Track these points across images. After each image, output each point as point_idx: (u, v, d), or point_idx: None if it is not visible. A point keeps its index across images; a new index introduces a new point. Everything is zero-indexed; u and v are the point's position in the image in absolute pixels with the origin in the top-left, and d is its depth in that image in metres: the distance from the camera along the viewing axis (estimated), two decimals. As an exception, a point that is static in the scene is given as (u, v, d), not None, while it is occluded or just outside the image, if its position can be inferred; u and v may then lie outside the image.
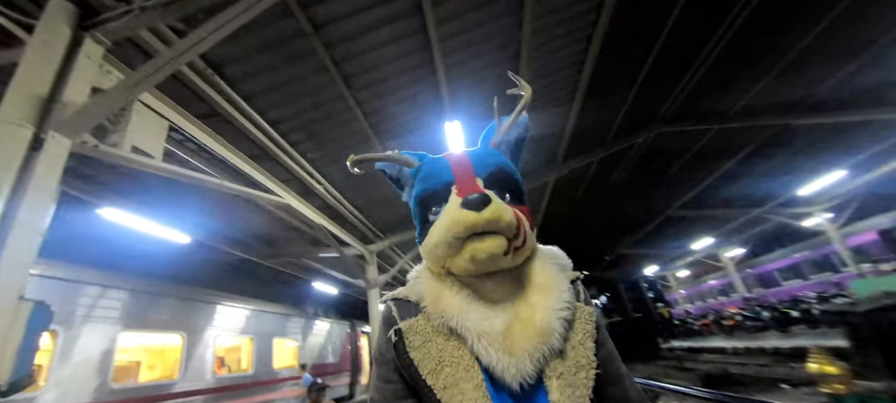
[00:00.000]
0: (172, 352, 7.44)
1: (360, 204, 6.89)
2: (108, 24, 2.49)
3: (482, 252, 0.69)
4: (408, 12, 3.56)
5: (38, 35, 2.28)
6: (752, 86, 7.04)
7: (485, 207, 0.68)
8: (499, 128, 0.92)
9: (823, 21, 5.42)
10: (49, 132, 2.11)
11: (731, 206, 12.94)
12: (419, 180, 0.86)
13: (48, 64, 2.25)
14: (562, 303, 0.71)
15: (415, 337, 0.73)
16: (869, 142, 9.09)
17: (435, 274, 0.80)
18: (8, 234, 1.85)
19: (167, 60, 2.36)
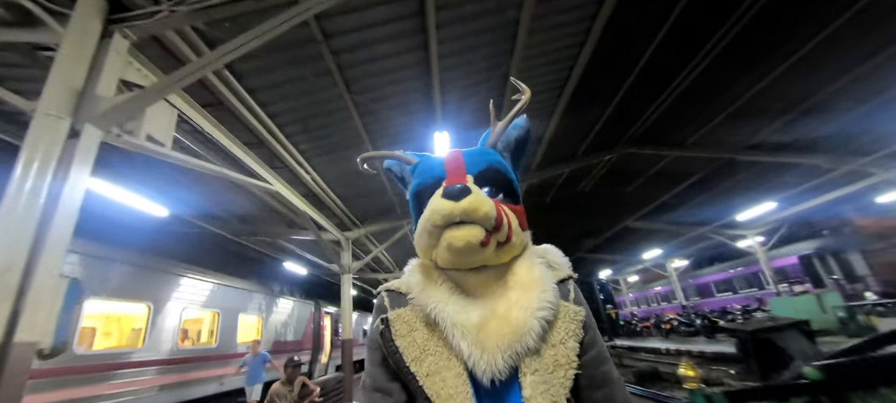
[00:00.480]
0: (138, 321, 7.39)
1: (342, 193, 7.13)
2: (135, 21, 2.65)
3: (458, 239, 0.70)
4: (412, 32, 3.87)
5: (71, 31, 2.42)
6: (706, 123, 7.91)
7: (464, 196, 0.70)
8: (494, 130, 0.94)
9: (764, 80, 6.26)
10: (84, 124, 2.30)
11: (680, 223, 14.27)
12: (416, 175, 0.89)
13: (81, 58, 2.40)
14: (541, 302, 0.71)
15: (401, 326, 0.75)
16: (796, 180, 10.42)
17: (424, 268, 0.83)
18: (51, 218, 2.06)
19: (196, 68, 2.57)
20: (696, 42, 5.56)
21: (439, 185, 0.77)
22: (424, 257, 0.83)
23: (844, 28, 5.13)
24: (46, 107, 2.20)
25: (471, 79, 4.80)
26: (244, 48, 2.64)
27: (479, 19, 3.97)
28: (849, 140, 8.28)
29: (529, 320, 0.69)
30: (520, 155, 0.96)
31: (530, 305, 0.70)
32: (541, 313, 0.70)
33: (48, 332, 1.99)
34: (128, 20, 2.64)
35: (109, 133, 2.51)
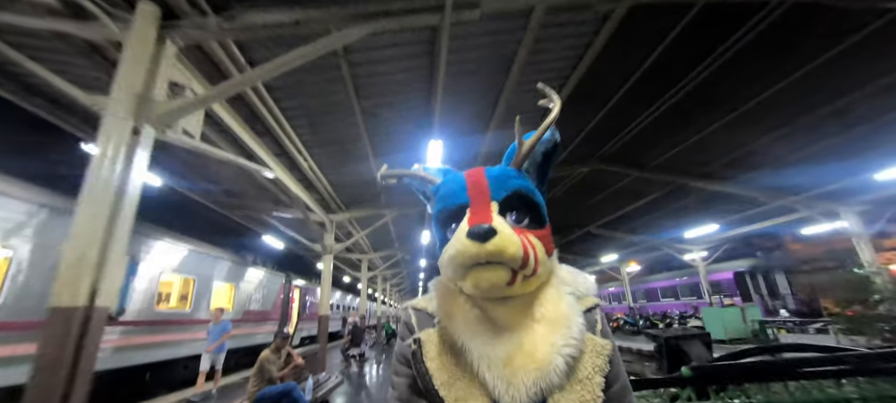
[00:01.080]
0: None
1: (333, 180, 7.51)
2: (185, 29, 2.99)
3: (484, 281, 0.71)
4: (422, 54, 4.34)
5: (131, 37, 2.75)
6: (666, 151, 8.89)
7: (489, 239, 0.69)
8: (520, 147, 0.88)
9: (714, 124, 7.23)
10: (144, 124, 2.67)
11: (635, 233, 15.64)
12: (438, 199, 0.87)
13: (140, 64, 2.75)
14: (567, 340, 0.70)
15: (431, 348, 0.75)
16: (736, 208, 11.82)
17: (451, 291, 0.82)
18: (121, 207, 2.47)
19: (239, 83, 2.98)
20: (663, 87, 6.36)
21: (462, 212, 0.78)
22: (449, 282, 0.81)
23: (778, 94, 6.10)
24: (114, 109, 2.56)
25: (467, 94, 5.34)
26: (282, 68, 3.06)
27: (482, 49, 4.50)
28: (780, 180, 9.59)
29: (555, 357, 0.68)
30: (547, 170, 0.92)
31: (556, 341, 0.70)
32: (566, 350, 0.69)
33: (114, 300, 2.43)
34: (178, 27, 2.98)
35: (161, 132, 2.88)
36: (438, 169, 0.99)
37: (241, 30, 3.05)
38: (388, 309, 37.25)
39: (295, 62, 3.05)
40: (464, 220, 0.76)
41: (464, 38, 4.10)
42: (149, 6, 2.85)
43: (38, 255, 5.23)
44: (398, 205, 9.29)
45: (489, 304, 0.77)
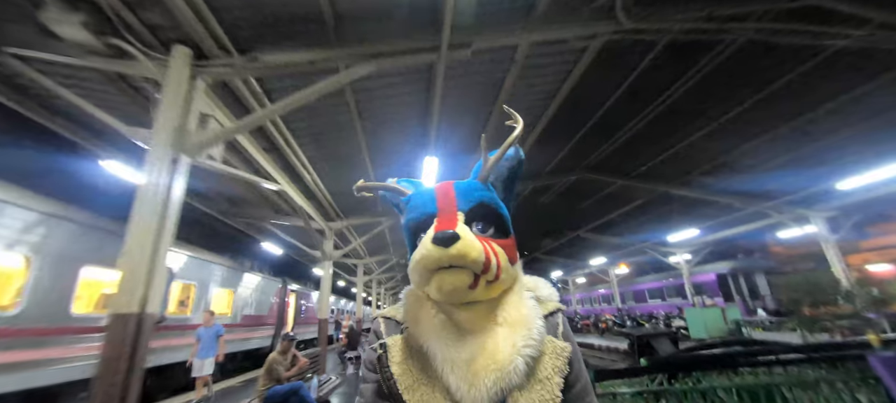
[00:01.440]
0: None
1: (332, 189, 7.91)
2: (212, 68, 3.40)
3: (446, 284, 0.74)
4: (421, 80, 4.80)
5: (168, 79, 3.16)
6: (648, 161, 9.47)
7: (452, 244, 0.72)
8: (486, 163, 0.93)
9: (691, 137, 7.80)
10: (181, 154, 3.08)
11: (622, 236, 16.25)
12: (409, 209, 0.90)
13: (176, 102, 3.15)
14: (527, 341, 0.73)
15: (396, 353, 0.77)
16: (714, 214, 12.47)
17: (418, 298, 0.85)
18: (164, 227, 2.87)
19: (261, 116, 3.40)
20: (641, 105, 6.91)
21: (431, 221, 0.81)
22: (418, 288, 0.85)
23: (744, 112, 6.69)
24: (157, 141, 2.97)
25: (461, 115, 5.80)
26: (297, 104, 3.49)
27: (474, 76, 4.98)
28: (754, 187, 10.24)
29: (515, 357, 0.70)
30: (512, 185, 0.96)
31: (516, 343, 0.72)
32: (526, 350, 0.72)
33: (158, 306, 2.83)
34: (208, 67, 3.39)
35: (193, 157, 3.28)
36: (410, 181, 1.02)
37: (262, 68, 3.47)
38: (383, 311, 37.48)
39: (309, 98, 3.48)
40: (430, 228, 0.79)
41: (458, 68, 4.56)
42: (182, 48, 3.26)
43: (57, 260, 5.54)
44: (393, 214, 9.70)
45: (454, 309, 0.79)
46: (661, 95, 6.54)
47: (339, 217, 9.22)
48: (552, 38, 4.06)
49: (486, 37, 3.80)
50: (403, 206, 0.96)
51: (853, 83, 5.88)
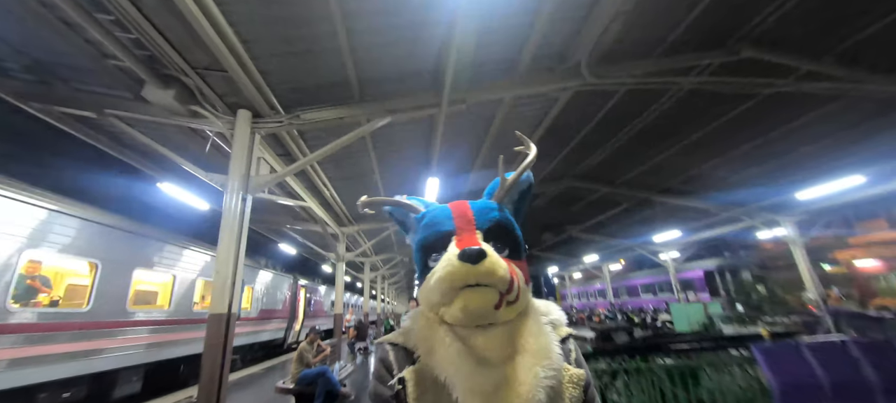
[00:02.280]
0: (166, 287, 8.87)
1: (346, 200, 8.97)
2: (266, 125, 4.44)
3: (474, 303, 0.72)
4: (425, 124, 5.81)
5: (236, 137, 4.20)
6: (632, 170, 10.46)
7: (481, 260, 0.71)
8: (502, 184, 0.93)
9: (665, 153, 8.80)
10: (247, 194, 4.13)
11: (613, 236, 17.30)
12: (423, 227, 0.89)
13: (242, 154, 4.20)
14: (548, 372, 0.72)
15: (414, 388, 0.74)
16: (694, 217, 13.49)
17: (429, 322, 0.82)
18: (239, 249, 3.93)
19: (304, 163, 4.45)
20: (617, 127, 7.89)
21: (448, 239, 0.81)
22: (430, 311, 0.82)
23: (708, 135, 7.69)
24: (231, 184, 4.02)
25: (458, 146, 6.82)
26: (330, 151, 4.54)
27: (469, 116, 5.97)
28: (727, 196, 11.24)
29: (537, 390, 0.69)
30: (521, 207, 0.98)
31: (538, 373, 0.71)
32: (547, 381, 0.71)
33: (237, 306, 3.90)
34: (263, 124, 4.42)
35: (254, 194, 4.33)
36: (420, 200, 0.99)
37: (303, 124, 4.50)
38: (387, 306, 38.89)
39: (339, 146, 4.51)
40: (451, 245, 0.79)
41: (455, 115, 5.57)
42: (244, 112, 4.29)
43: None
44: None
45: (470, 335, 0.77)
46: (632, 122, 7.53)
47: (351, 223, 10.29)
48: (532, 92, 5.06)
49: (477, 93, 4.81)
50: (412, 224, 0.96)
51: (794, 115, 6.87)
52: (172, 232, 8.68)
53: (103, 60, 3.81)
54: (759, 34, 5.33)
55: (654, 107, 6.68)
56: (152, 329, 7.64)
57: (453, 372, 0.73)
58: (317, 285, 21.72)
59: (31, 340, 5.26)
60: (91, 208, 6.37)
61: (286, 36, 3.67)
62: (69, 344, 5.83)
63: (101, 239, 6.43)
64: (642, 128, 7.83)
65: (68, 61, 3.94)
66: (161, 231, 8.16)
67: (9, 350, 4.94)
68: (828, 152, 8.13)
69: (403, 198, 0.99)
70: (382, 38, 3.92)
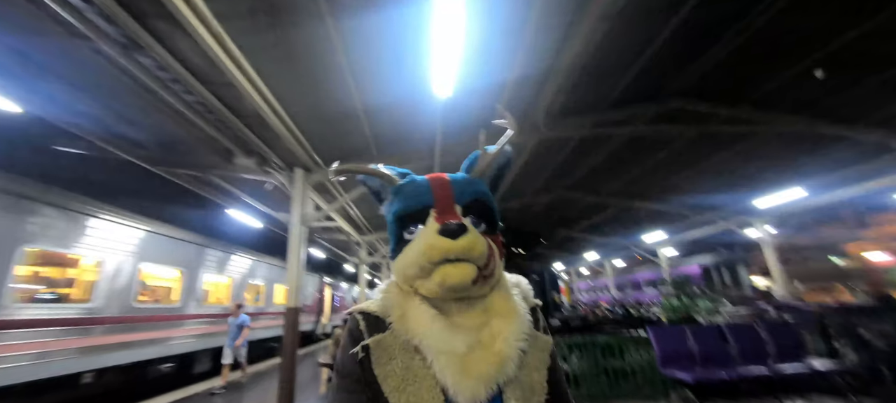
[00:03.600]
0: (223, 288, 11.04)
1: (367, 215, 10.90)
2: (314, 177, 6.36)
3: (452, 278, 0.72)
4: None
5: (295, 187, 6.13)
6: (612, 182, 12.00)
7: (461, 235, 0.72)
8: (483, 158, 0.94)
9: (639, 169, 10.35)
10: (304, 226, 6.06)
11: (608, 236, 18.77)
12: (400, 198, 0.88)
13: (299, 199, 6.13)
14: (520, 334, 0.74)
15: (381, 354, 0.74)
16: (675, 220, 14.89)
17: (403, 292, 0.82)
18: (300, 265, 5.87)
19: (342, 202, 6.35)
20: (589, 155, 9.49)
21: (425, 213, 0.81)
22: (404, 284, 0.83)
23: (669, 156, 9.21)
24: (293, 221, 5.96)
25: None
26: (358, 195, 6.41)
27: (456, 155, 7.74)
28: (701, 202, 12.62)
29: (511, 350, 0.72)
30: (498, 183, 0.98)
31: (512, 336, 0.74)
32: (519, 343, 0.73)
33: (298, 301, 5.84)
34: (311, 175, 6.34)
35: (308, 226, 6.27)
36: (398, 170, 0.97)
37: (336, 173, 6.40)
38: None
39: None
40: (429, 219, 0.80)
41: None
42: (300, 170, 6.21)
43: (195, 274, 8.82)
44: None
45: (444, 303, 0.79)
46: (600, 149, 9.12)
47: (370, 232, 12.26)
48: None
49: (459, 146, 6.53)
50: (387, 194, 0.95)
51: (725, 147, 8.34)
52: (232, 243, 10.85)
53: (210, 141, 5.78)
54: (686, 88, 6.86)
55: (606, 146, 8.30)
56: (215, 321, 9.77)
57: (426, 336, 0.73)
58: (339, 282, 24.00)
59: (150, 327, 7.41)
60: (180, 229, 8.51)
61: (327, 119, 5.52)
62: (169, 331, 7.99)
63: (184, 252, 8.57)
64: (609, 154, 9.41)
65: (185, 140, 5.92)
66: (223, 243, 10.31)
67: (139, 333, 7.08)
68: (770, 168, 9.53)
69: (379, 166, 0.96)
70: (391, 117, 5.74)
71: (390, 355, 0.75)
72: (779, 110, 7.18)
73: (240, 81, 3.94)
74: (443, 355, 0.71)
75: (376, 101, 5.27)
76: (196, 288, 8.97)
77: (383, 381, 0.72)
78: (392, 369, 0.73)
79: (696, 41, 5.62)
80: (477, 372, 0.69)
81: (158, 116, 5.17)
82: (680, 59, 6.05)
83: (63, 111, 4.78)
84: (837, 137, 7.44)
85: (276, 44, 3.96)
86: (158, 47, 3.58)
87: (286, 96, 4.84)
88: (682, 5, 4.75)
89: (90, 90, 4.47)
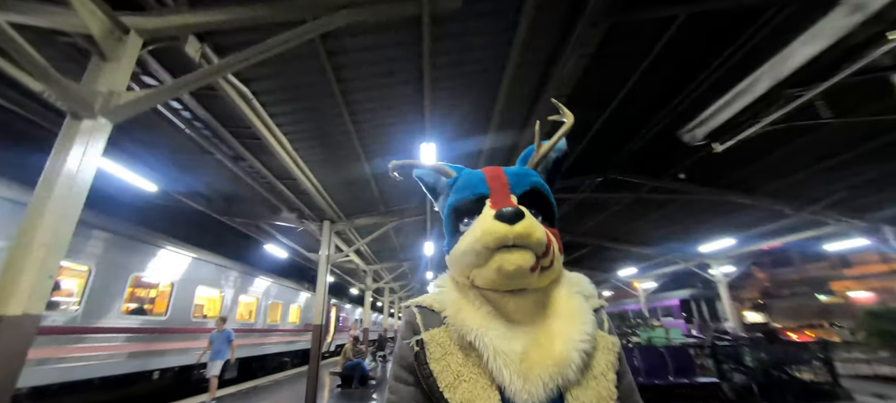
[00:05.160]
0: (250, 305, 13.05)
1: (373, 249, 13.02)
2: (337, 226, 8.54)
3: (510, 263, 0.70)
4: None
5: (323, 234, 8.31)
6: (590, 223, 14.04)
7: (518, 221, 0.70)
8: (537, 150, 0.94)
9: (603, 215, 12.44)
10: (330, 264, 8.19)
11: (587, 270, 20.69)
12: (455, 190, 0.89)
13: (326, 244, 8.28)
14: (582, 335, 0.71)
15: (436, 349, 0.74)
16: (643, 259, 16.85)
17: (459, 286, 0.82)
18: (325, 290, 7.97)
19: (359, 244, 8.52)
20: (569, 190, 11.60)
21: (480, 204, 0.81)
22: (460, 275, 0.82)
23: (626, 206, 11.32)
24: (322, 260, 8.10)
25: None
26: (371, 238, 8.58)
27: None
28: (660, 245, 14.61)
29: (571, 352, 0.69)
30: (555, 177, 0.98)
31: (572, 337, 0.71)
32: (582, 345, 0.70)
33: (319, 321, 7.89)
34: (335, 225, 8.51)
35: (335, 263, 8.40)
36: (452, 166, 0.99)
37: (356, 224, 8.57)
38: (402, 323, 42.58)
39: (377, 235, 8.55)
40: (486, 207, 0.79)
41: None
42: (327, 222, 8.39)
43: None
44: (412, 259, 14.78)
45: (502, 298, 0.76)
46: (565, 203, 11.23)
47: (376, 261, 14.35)
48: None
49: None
50: (442, 188, 0.96)
51: (658, 208, 10.44)
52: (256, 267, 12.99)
53: (262, 198, 7.99)
54: (622, 164, 9.01)
55: (569, 202, 10.46)
56: (245, 335, 11.77)
57: (482, 333, 0.71)
58: (344, 303, 25.88)
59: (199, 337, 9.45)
60: (224, 258, 10.67)
61: (346, 183, 7.69)
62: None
63: (226, 276, 10.69)
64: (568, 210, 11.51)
65: (243, 196, 8.14)
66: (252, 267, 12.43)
67: (192, 342, 9.11)
68: (701, 223, 11.60)
69: (437, 162, 0.99)
70: (393, 182, 7.91)
71: (445, 350, 0.74)
72: (695, 182, 9.30)
73: (292, 166, 6.05)
74: (500, 354, 0.69)
75: (382, 169, 7.39)
76: (233, 308, 11.02)
77: (438, 376, 0.71)
78: (446, 364, 0.72)
79: (622, 130, 7.72)
80: (535, 375, 0.67)
81: (232, 185, 7.43)
82: (613, 142, 8.22)
83: (174, 185, 7.04)
84: (742, 204, 9.51)
85: (314, 144, 6.10)
86: (253, 159, 5.84)
87: (318, 170, 7.00)
88: (610, 103, 6.30)
89: (197, 173, 6.74)
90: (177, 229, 11.69)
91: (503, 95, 5.22)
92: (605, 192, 9.39)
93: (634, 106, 6.46)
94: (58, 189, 2.28)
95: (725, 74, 4.58)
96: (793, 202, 9.09)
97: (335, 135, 5.89)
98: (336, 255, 8.34)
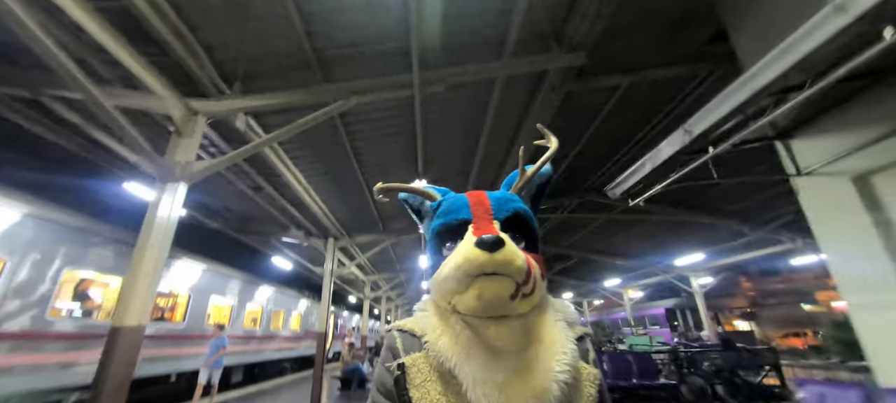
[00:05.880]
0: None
1: (373, 261, 13.93)
2: (340, 242, 9.49)
3: (489, 291, 0.71)
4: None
5: (328, 250, 9.27)
6: (575, 237, 15.04)
7: (498, 249, 0.70)
8: (522, 175, 0.95)
9: (586, 230, 13.44)
10: (335, 278, 9.12)
11: (575, 280, 21.69)
12: (438, 214, 0.89)
13: (330, 258, 9.23)
14: (562, 367, 0.70)
15: (416, 375, 0.74)
16: (627, 270, 17.85)
17: (441, 310, 0.81)
18: (328, 306, 8.89)
19: (361, 259, 9.46)
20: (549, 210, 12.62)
21: (463, 228, 0.81)
22: (442, 300, 0.81)
23: (603, 225, 12.33)
24: (326, 273, 9.04)
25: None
26: (373, 253, 9.53)
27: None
28: (642, 258, 15.62)
29: (551, 384, 0.68)
30: (538, 201, 0.99)
31: (552, 367, 0.70)
32: (562, 376, 0.69)
33: (322, 328, 8.81)
34: (338, 242, 9.47)
35: (340, 276, 9.33)
36: (437, 188, 1.00)
37: (357, 241, 9.51)
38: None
39: (379, 249, 9.49)
40: (468, 233, 0.78)
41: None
42: (332, 239, 9.34)
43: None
44: (409, 270, 15.70)
45: (483, 325, 0.75)
46: (547, 221, 12.23)
47: (374, 272, 15.27)
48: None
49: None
50: (426, 212, 0.97)
51: (633, 225, 11.46)
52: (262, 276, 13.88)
53: (277, 218, 8.93)
54: (593, 187, 10.02)
55: (552, 218, 11.46)
56: (252, 341, 12.60)
57: (462, 361, 0.72)
58: (342, 310, 26.67)
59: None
60: (235, 270, 11.56)
61: (349, 205, 8.66)
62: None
63: (235, 286, 11.57)
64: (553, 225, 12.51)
65: (257, 216, 9.07)
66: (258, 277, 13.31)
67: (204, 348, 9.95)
68: (673, 240, 12.63)
69: (420, 185, 0.99)
70: (391, 203, 8.89)
71: (425, 376, 0.74)
72: (663, 203, 10.33)
73: (303, 195, 7.06)
74: (479, 384, 0.69)
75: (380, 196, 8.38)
76: (240, 315, 11.88)
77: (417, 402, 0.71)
78: (426, 391, 0.72)
79: (591, 162, 8.77)
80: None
81: (248, 207, 8.38)
82: (587, 168, 9.25)
83: (198, 210, 8.01)
84: (706, 224, 10.55)
85: (324, 178, 7.15)
86: (270, 189, 6.82)
87: (326, 196, 8.00)
88: (583, 135, 7.51)
89: (220, 197, 7.71)
90: (180, 238, 12.58)
91: (484, 142, 6.32)
92: (584, 212, 10.39)
93: (599, 145, 7.54)
94: (154, 235, 3.24)
95: (655, 137, 5.69)
96: (748, 222, 10.13)
97: (342, 172, 6.96)
98: (339, 269, 9.26)
